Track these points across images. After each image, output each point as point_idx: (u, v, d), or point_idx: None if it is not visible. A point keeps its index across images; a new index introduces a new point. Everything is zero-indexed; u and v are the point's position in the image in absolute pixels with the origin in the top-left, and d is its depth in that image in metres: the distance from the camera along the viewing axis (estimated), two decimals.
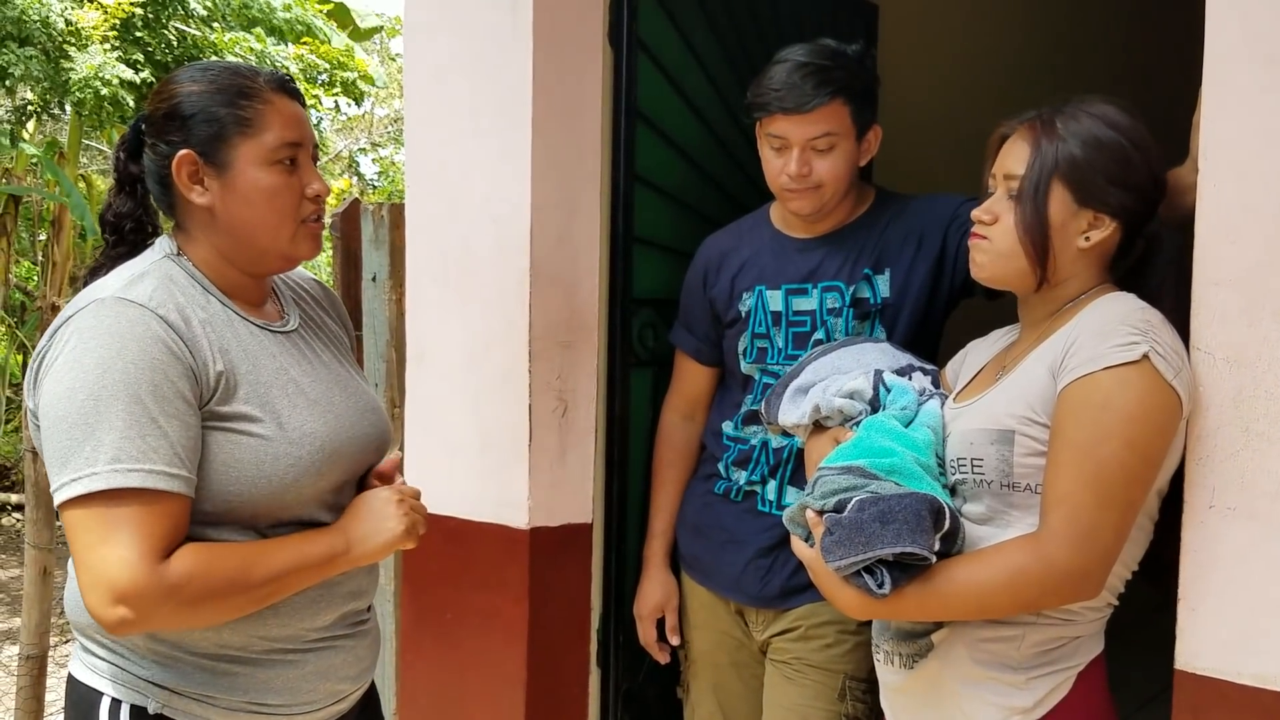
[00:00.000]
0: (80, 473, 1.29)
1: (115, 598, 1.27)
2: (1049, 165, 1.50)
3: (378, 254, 2.90)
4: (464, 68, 2.36)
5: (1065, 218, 1.51)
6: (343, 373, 1.60)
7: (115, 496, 1.28)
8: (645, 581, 2.31)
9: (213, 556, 1.34)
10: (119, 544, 1.28)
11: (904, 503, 1.41)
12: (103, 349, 1.31)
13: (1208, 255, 1.42)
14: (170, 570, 1.30)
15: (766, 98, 1.99)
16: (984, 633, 1.50)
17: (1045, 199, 1.50)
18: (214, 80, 1.46)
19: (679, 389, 2.32)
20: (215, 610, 1.37)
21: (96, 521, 1.28)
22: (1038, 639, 1.49)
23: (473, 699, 2.38)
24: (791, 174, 2.00)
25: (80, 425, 1.29)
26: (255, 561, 1.38)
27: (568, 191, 2.30)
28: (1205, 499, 1.42)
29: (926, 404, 1.63)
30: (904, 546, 1.38)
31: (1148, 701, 3.31)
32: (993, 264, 1.57)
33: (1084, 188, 1.49)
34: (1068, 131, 1.50)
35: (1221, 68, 1.42)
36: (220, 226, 1.47)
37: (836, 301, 2.06)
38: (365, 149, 15.48)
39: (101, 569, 1.28)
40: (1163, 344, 1.40)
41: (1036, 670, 1.49)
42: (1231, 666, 1.40)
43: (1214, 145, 1.42)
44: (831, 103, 1.96)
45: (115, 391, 1.30)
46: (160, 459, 1.31)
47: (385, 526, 1.49)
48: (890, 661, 1.61)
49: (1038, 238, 1.51)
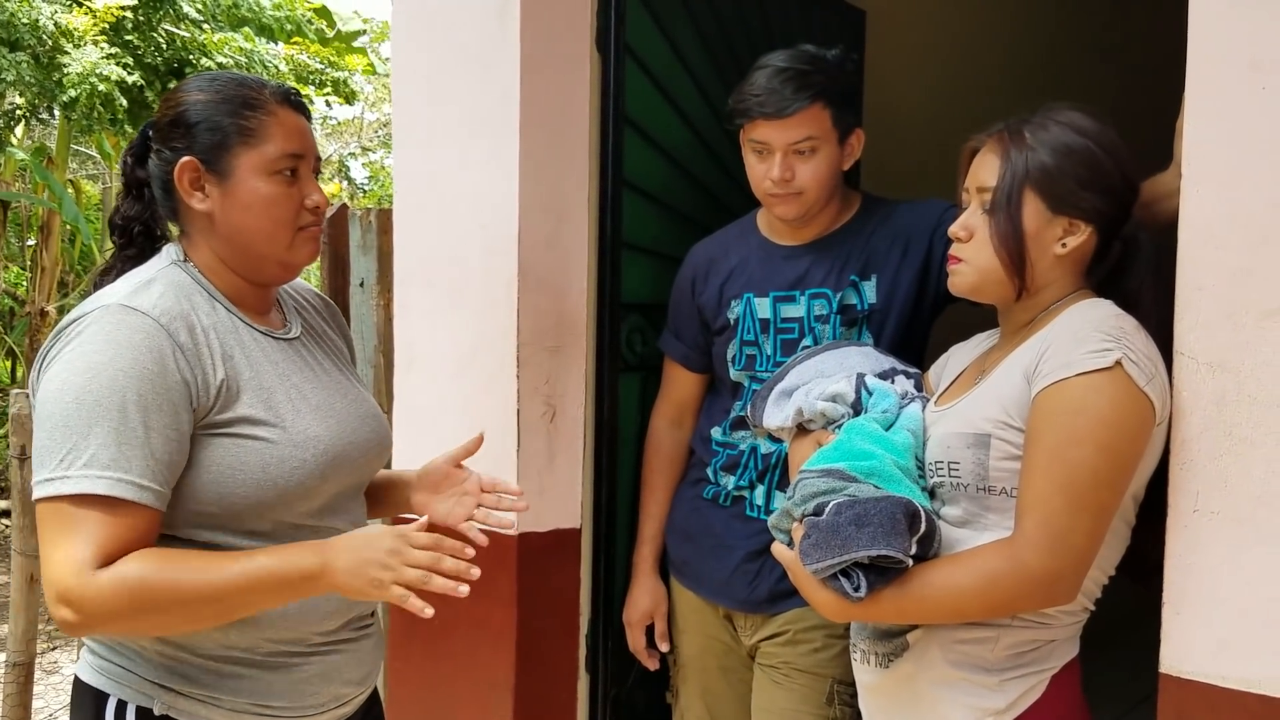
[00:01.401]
0: (54, 473, 1.30)
1: (58, 598, 1.29)
2: (1020, 175, 1.50)
3: (365, 259, 2.90)
4: (452, 73, 2.35)
5: (1040, 226, 1.51)
6: (344, 381, 1.62)
7: (82, 501, 1.30)
8: (634, 588, 2.31)
9: (163, 564, 1.31)
10: (73, 546, 1.29)
11: (879, 506, 1.41)
12: (97, 354, 1.33)
13: (1190, 260, 1.42)
14: (107, 576, 1.29)
15: (747, 103, 2.00)
16: (958, 634, 1.51)
17: (1019, 209, 1.51)
18: (220, 90, 1.49)
19: (668, 395, 2.32)
20: (161, 617, 1.33)
21: (60, 522, 1.30)
22: (1012, 641, 1.50)
23: (461, 705, 2.37)
24: (774, 179, 2.00)
25: (62, 426, 1.31)
26: (210, 572, 1.32)
27: (556, 196, 2.30)
28: (1189, 503, 1.42)
29: (908, 407, 1.64)
30: (879, 549, 1.39)
31: (1138, 703, 3.32)
32: (971, 278, 1.58)
33: (1056, 195, 1.50)
34: (1036, 140, 1.51)
35: (1205, 72, 1.42)
36: (220, 233, 1.49)
37: (824, 308, 2.07)
38: (355, 154, 15.46)
39: (54, 568, 1.30)
40: (1136, 351, 1.41)
41: (1010, 672, 1.50)
42: (1216, 670, 1.40)
43: (1197, 150, 1.42)
44: (811, 107, 1.97)
45: (99, 397, 1.31)
46: (134, 469, 1.31)
47: (368, 570, 1.32)
48: (867, 661, 1.62)
49: (1013, 248, 1.51)
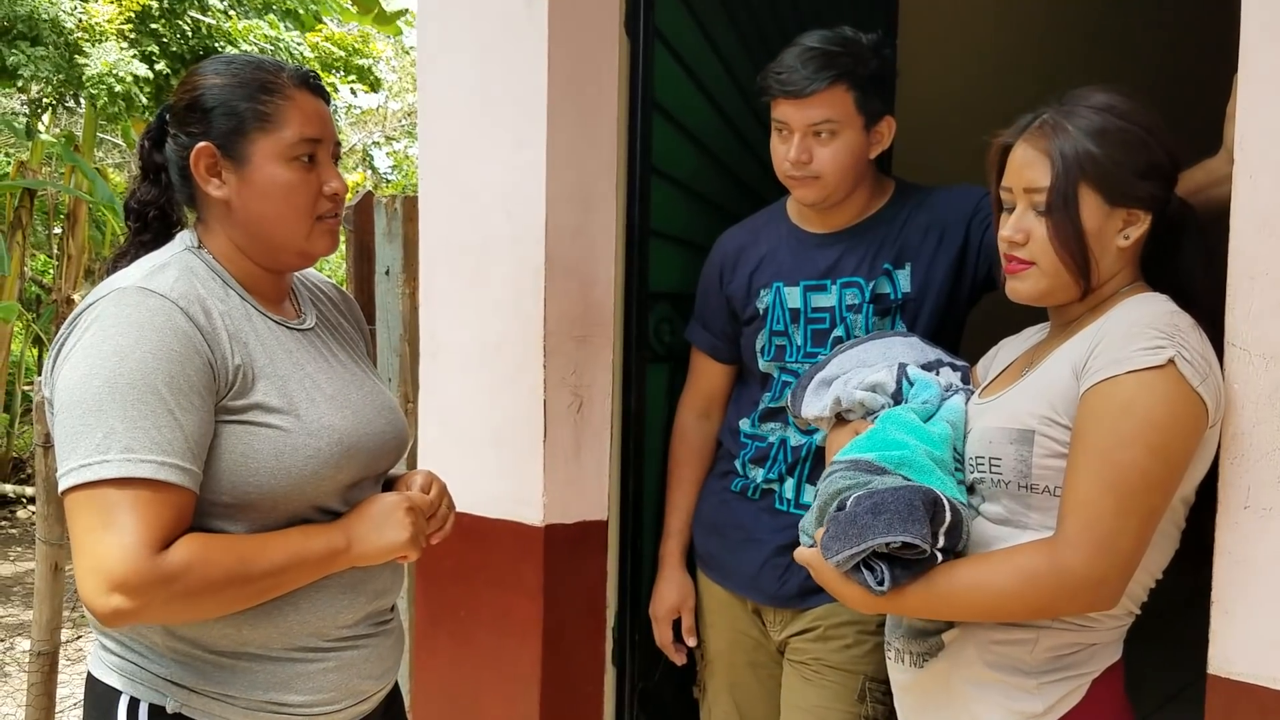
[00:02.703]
0: (90, 459, 1.28)
1: (111, 586, 1.26)
2: (1073, 171, 1.43)
3: (391, 247, 2.88)
4: (478, 58, 2.33)
5: (1100, 222, 1.45)
6: (359, 373, 1.60)
7: (123, 485, 1.27)
8: (661, 581, 2.29)
9: (211, 548, 1.33)
10: (120, 532, 1.26)
11: (897, 494, 1.38)
12: (121, 337, 1.31)
13: (1243, 249, 1.38)
14: (168, 560, 1.28)
15: (769, 81, 1.97)
16: (996, 635, 1.47)
17: (1076, 208, 1.44)
18: (237, 74, 1.46)
19: (695, 386, 2.29)
20: (212, 603, 1.35)
21: (101, 508, 1.27)
22: (1052, 643, 1.45)
23: (487, 698, 2.36)
24: (790, 160, 1.97)
25: (94, 412, 1.29)
26: (254, 554, 1.36)
27: (583, 184, 2.27)
28: (1240, 499, 1.38)
29: (950, 399, 1.60)
30: (896, 535, 1.35)
31: (1168, 700, 3.28)
32: (1036, 284, 1.50)
33: (1114, 187, 1.44)
34: (1079, 131, 1.44)
35: (1257, 54, 1.37)
36: (237, 220, 1.47)
37: (856, 298, 2.03)
38: (379, 143, 15.50)
39: (101, 555, 1.26)
40: (1190, 349, 1.35)
41: (1049, 675, 1.45)
42: (1268, 671, 1.36)
43: (1250, 135, 1.38)
44: (832, 88, 1.93)
45: (132, 380, 1.29)
46: (174, 452, 1.30)
47: (387, 531, 1.47)
48: (901, 660, 1.58)
49: (1077, 249, 1.45)
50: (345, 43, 9.14)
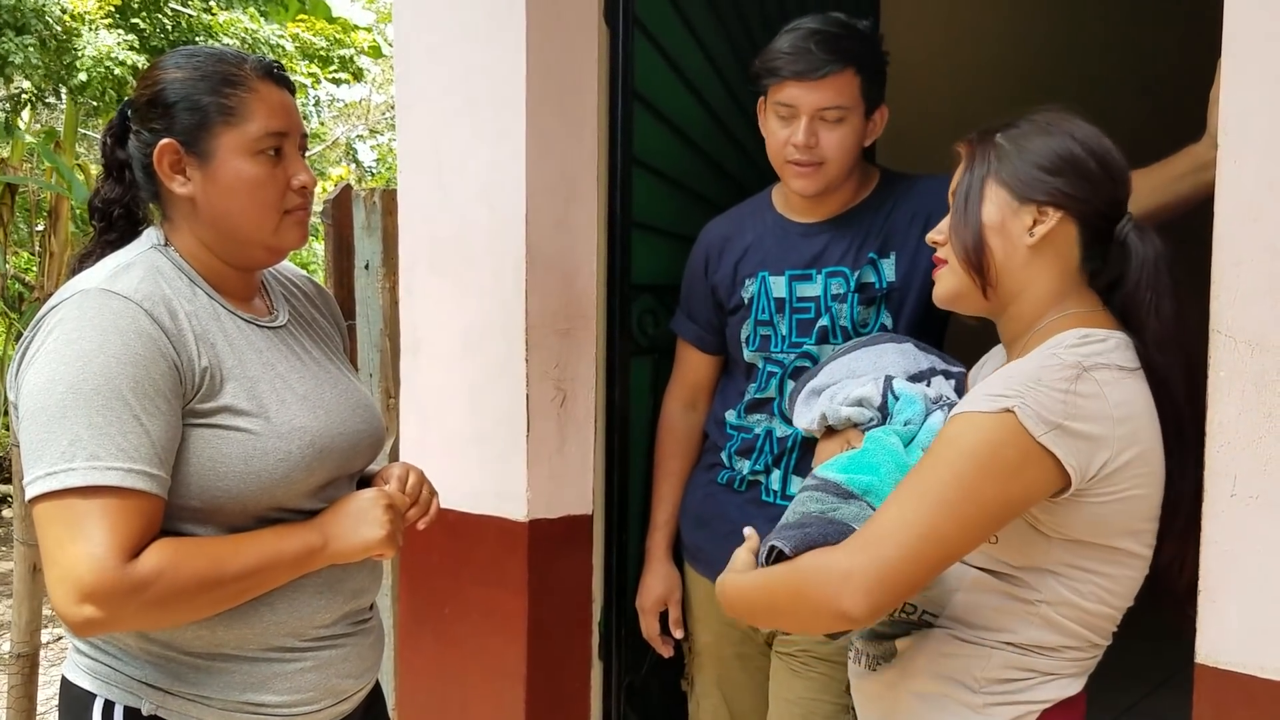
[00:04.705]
0: (56, 467, 1.26)
1: (82, 596, 1.24)
2: (980, 168, 1.43)
3: (370, 241, 2.86)
4: (457, 48, 2.31)
5: (1005, 217, 1.42)
6: (333, 370, 1.57)
7: (89, 493, 1.25)
8: (647, 574, 2.27)
9: (183, 553, 1.31)
10: (89, 541, 1.24)
11: (825, 528, 1.36)
12: (85, 341, 1.29)
13: (1228, 234, 1.36)
14: (138, 568, 1.27)
15: (777, 63, 1.94)
16: (948, 647, 1.43)
17: (979, 201, 1.43)
18: (198, 67, 1.43)
19: (681, 378, 2.27)
20: (186, 608, 1.33)
21: (68, 518, 1.25)
22: (1005, 662, 1.41)
23: (472, 694, 2.34)
24: (798, 143, 1.94)
25: (59, 418, 1.26)
26: (227, 557, 1.35)
27: (564, 175, 2.25)
28: (1226, 488, 1.37)
29: (930, 418, 1.55)
30: (777, 540, 1.35)
31: (1156, 688, 3.29)
32: (945, 283, 1.49)
33: (1020, 180, 1.41)
34: (1005, 137, 1.44)
35: (1241, 39, 1.36)
36: (203, 217, 1.44)
37: (841, 287, 2.02)
38: (363, 136, 15.42)
39: (70, 566, 1.25)
40: (1043, 404, 1.29)
41: (996, 696, 1.41)
42: (1255, 660, 1.35)
43: (1234, 120, 1.36)
44: (844, 72, 1.92)
45: (96, 385, 1.27)
46: (140, 458, 1.28)
47: (364, 528, 1.45)
48: (858, 660, 1.56)
49: (972, 243, 1.43)
50: (326, 33, 9.10)
